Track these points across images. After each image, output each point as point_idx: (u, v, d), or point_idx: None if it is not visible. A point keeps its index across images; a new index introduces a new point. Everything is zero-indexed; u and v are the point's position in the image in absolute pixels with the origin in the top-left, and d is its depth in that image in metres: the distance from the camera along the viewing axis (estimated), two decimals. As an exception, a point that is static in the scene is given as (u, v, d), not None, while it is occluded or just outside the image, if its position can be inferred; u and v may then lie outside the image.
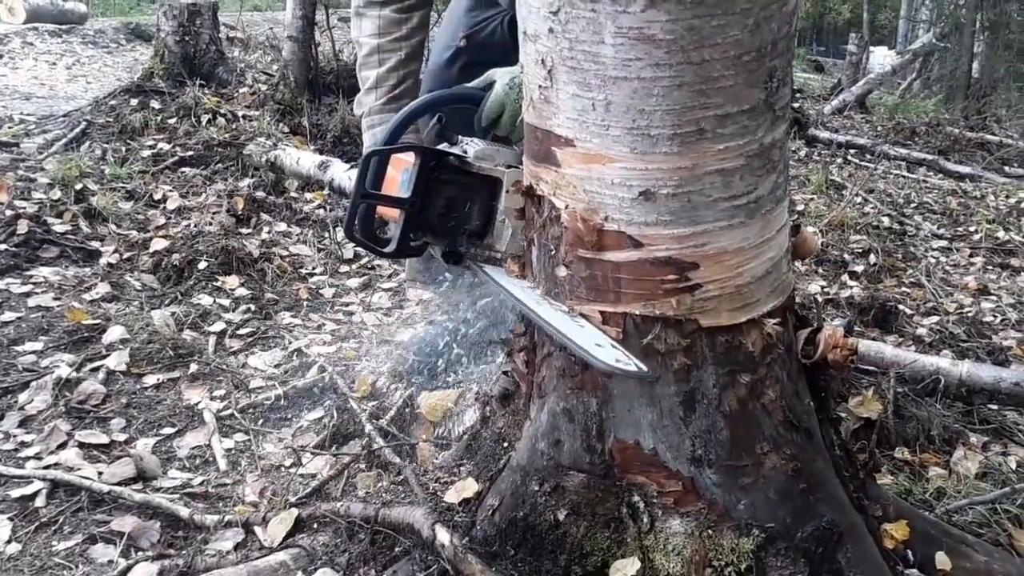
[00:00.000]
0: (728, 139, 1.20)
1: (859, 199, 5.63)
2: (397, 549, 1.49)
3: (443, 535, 1.42)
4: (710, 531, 1.36)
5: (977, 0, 11.09)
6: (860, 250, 4.48)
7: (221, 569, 1.50)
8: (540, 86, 1.26)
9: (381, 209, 1.57)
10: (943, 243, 5.01)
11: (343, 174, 3.81)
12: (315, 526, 1.61)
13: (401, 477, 1.71)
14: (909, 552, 1.53)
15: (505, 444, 1.53)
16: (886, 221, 5.13)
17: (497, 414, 1.60)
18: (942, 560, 1.54)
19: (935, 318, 3.51)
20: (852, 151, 7.53)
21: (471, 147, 1.57)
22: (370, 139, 2.17)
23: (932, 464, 2.06)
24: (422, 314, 2.84)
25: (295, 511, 1.64)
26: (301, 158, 4.04)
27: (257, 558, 1.53)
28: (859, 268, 4.19)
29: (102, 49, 8.25)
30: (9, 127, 5.10)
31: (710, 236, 1.25)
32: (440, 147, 1.55)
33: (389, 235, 1.56)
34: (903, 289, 4.01)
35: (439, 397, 2.08)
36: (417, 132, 1.98)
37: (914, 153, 7.41)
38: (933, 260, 4.58)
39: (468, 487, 1.50)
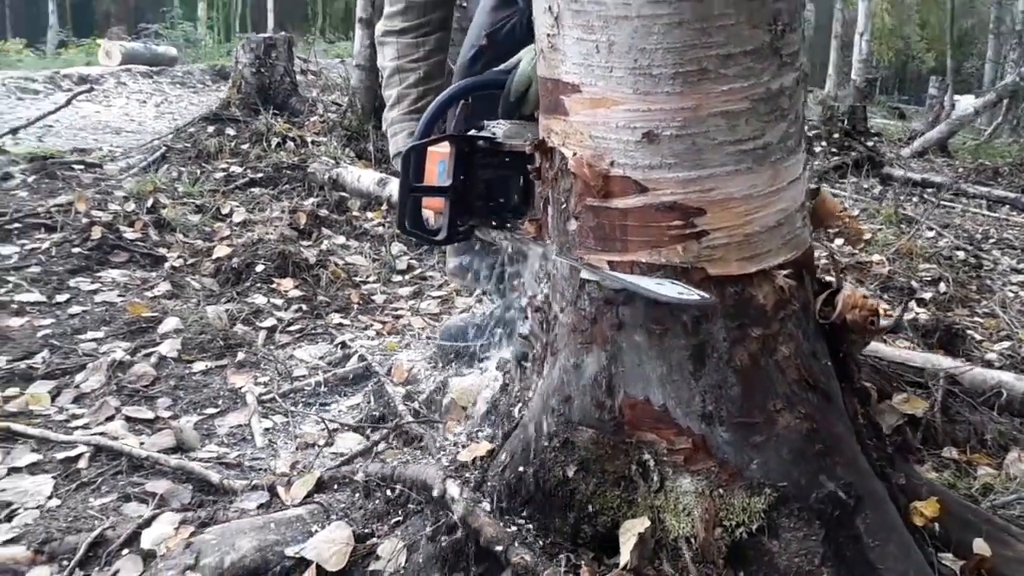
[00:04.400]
0: (732, 80, 1.20)
1: (932, 233, 5.45)
2: (410, 506, 1.49)
3: (453, 489, 1.42)
4: (721, 490, 1.33)
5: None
6: (929, 279, 4.33)
7: (240, 520, 1.53)
8: (548, 34, 1.29)
9: (426, 204, 1.62)
10: (1023, 278, 4.79)
11: (401, 190, 3.90)
12: (335, 487, 1.63)
13: (423, 444, 1.72)
14: (944, 535, 1.46)
15: (520, 405, 1.53)
16: (960, 255, 4.95)
17: (515, 379, 1.60)
18: (980, 546, 1.46)
19: (1007, 343, 3.35)
20: (929, 190, 7.30)
21: (499, 128, 1.62)
22: (393, 146, 2.26)
23: (982, 464, 1.97)
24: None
25: (317, 473, 1.67)
26: (362, 176, 4.16)
27: (275, 512, 1.56)
28: (927, 295, 4.04)
29: (189, 89, 8.71)
30: (98, 154, 5.41)
31: (716, 181, 1.24)
32: (470, 133, 1.60)
33: (436, 226, 1.62)
34: (975, 319, 3.85)
35: (470, 382, 2.09)
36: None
37: (995, 191, 7.16)
38: (1011, 294, 4.39)
39: (482, 446, 1.50)
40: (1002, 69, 15.31)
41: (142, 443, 2.00)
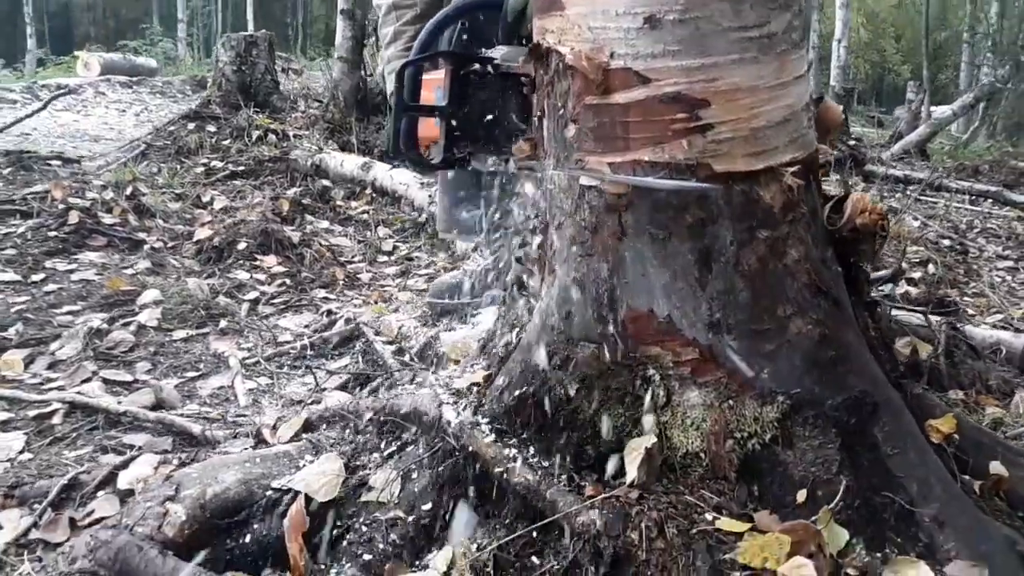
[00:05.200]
0: (735, -39, 1.15)
1: (917, 223, 5.46)
2: (405, 436, 1.42)
3: (450, 413, 1.35)
4: (731, 401, 1.26)
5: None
6: (918, 260, 4.31)
7: (224, 456, 1.45)
8: (543, -75, 1.24)
9: (422, 134, 1.57)
10: (1009, 263, 4.79)
11: (385, 173, 3.85)
12: (323, 427, 1.55)
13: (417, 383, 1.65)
14: (960, 454, 1.41)
15: (518, 329, 1.47)
16: (947, 243, 4.95)
17: (511, 306, 1.53)
18: (997, 467, 1.41)
19: (999, 316, 3.32)
20: (912, 187, 7.31)
21: (496, 52, 1.57)
22: (391, 84, 2.20)
23: (989, 405, 1.92)
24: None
25: (304, 415, 1.59)
26: (345, 160, 4.10)
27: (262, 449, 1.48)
28: (916, 275, 4.01)
29: (169, 99, 8.62)
30: (75, 154, 5.31)
31: (721, 70, 1.19)
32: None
33: (432, 154, 1.57)
34: (965, 299, 3.83)
35: (462, 335, 2.02)
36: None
37: (977, 185, 7.18)
38: (999, 278, 4.38)
39: (478, 373, 1.44)
40: (977, 73, 15.49)
41: (119, 401, 1.91)
